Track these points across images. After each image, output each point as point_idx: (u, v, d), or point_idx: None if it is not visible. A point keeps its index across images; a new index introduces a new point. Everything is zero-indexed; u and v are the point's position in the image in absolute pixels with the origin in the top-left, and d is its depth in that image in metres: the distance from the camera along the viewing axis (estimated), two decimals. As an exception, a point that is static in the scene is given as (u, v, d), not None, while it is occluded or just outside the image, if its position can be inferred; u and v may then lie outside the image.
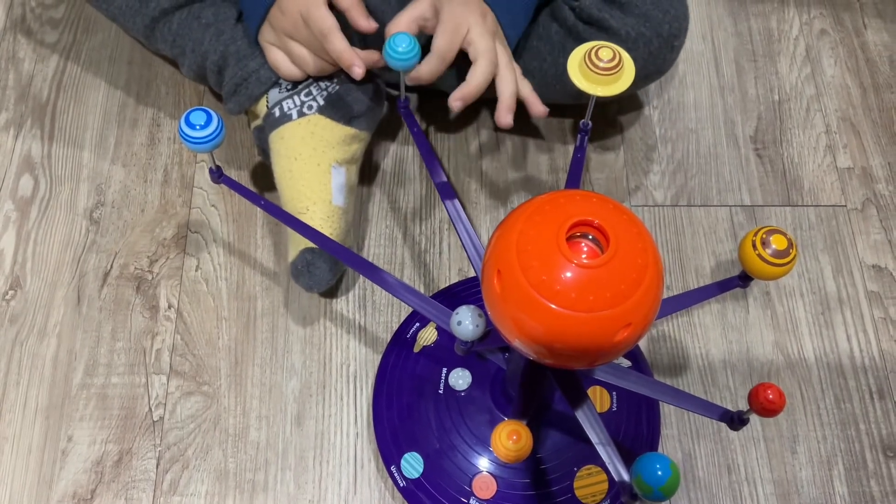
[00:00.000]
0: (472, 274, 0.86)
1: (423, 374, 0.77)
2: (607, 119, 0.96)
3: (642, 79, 0.86)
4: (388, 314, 0.83)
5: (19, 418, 0.77)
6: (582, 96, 0.62)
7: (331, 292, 0.84)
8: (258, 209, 0.88)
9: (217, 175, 0.68)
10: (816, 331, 0.85)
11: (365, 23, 0.74)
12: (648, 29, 0.81)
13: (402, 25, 0.72)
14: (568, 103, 0.91)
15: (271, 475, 0.76)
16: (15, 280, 0.84)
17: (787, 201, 0.92)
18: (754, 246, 0.55)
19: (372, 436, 0.77)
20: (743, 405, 0.81)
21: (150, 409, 0.78)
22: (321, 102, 0.80)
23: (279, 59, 0.79)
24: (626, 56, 0.60)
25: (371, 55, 0.75)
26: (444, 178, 0.68)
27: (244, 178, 0.91)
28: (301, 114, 0.79)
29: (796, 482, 0.77)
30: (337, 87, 0.81)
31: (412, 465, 0.73)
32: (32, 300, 0.83)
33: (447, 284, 0.85)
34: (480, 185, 0.91)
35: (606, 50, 0.60)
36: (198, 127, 0.61)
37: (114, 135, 0.93)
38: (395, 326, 0.83)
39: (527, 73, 0.85)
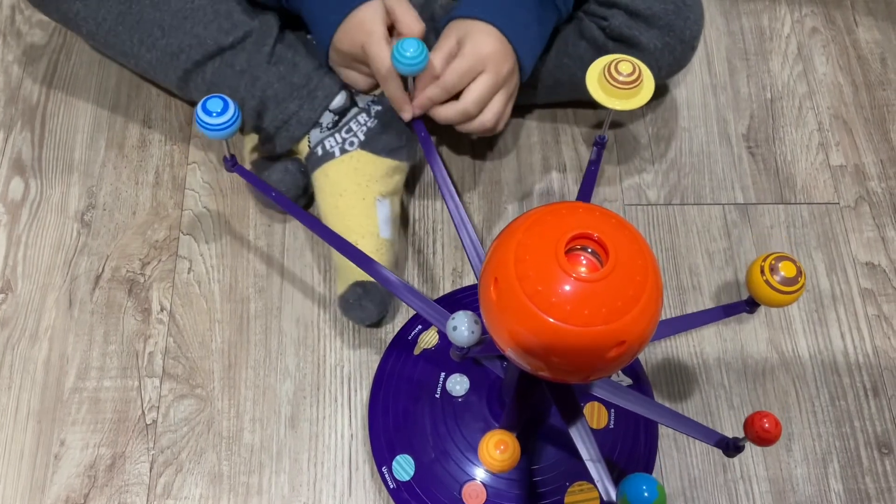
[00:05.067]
0: (466, 273, 0.86)
1: (421, 377, 0.77)
2: (600, 119, 0.96)
3: (665, 77, 0.90)
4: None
5: (11, 423, 0.77)
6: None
7: (327, 298, 0.84)
8: (251, 210, 0.88)
9: (231, 164, 0.68)
10: (810, 328, 0.85)
11: (417, 26, 0.77)
12: (672, 38, 0.84)
13: (439, 67, 0.74)
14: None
15: (265, 478, 0.75)
16: (6, 283, 0.83)
17: (780, 199, 0.92)
18: (762, 272, 0.54)
19: (366, 438, 0.76)
20: (737, 404, 0.81)
21: (143, 412, 0.78)
22: (362, 138, 0.80)
23: (353, 78, 0.81)
24: (645, 70, 0.60)
25: (422, 100, 0.76)
26: (450, 185, 0.68)
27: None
28: (343, 150, 0.80)
29: (791, 480, 0.77)
30: (376, 122, 0.81)
31: (403, 467, 0.73)
32: (23, 304, 0.82)
33: (441, 283, 0.85)
34: (474, 185, 0.91)
35: (626, 64, 0.59)
36: (214, 114, 0.61)
37: (104, 137, 0.92)
38: (389, 328, 0.82)
39: (559, 86, 0.89)
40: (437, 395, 0.76)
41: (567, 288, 0.43)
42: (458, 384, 0.76)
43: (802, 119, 0.98)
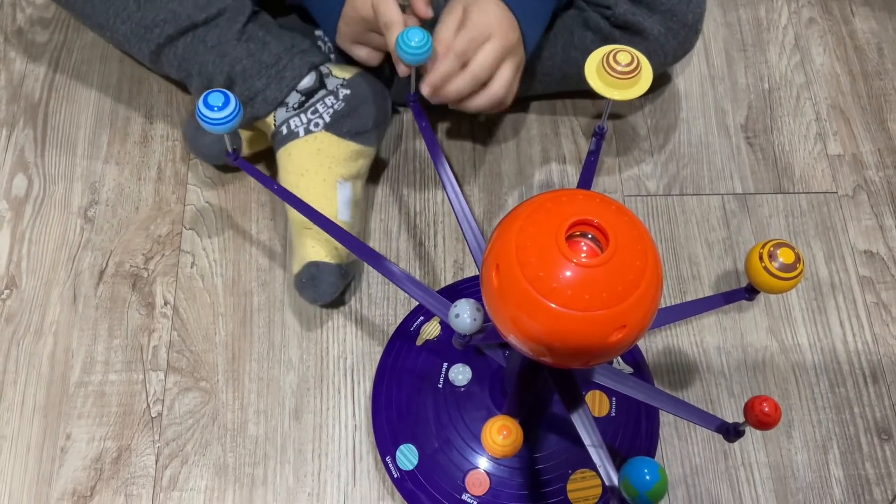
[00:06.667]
0: (467, 265, 0.86)
1: (423, 368, 0.78)
2: (599, 111, 0.97)
3: (671, 62, 0.91)
4: (384, 307, 0.84)
5: (17, 417, 0.77)
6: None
7: (326, 304, 0.84)
8: (252, 204, 0.88)
9: (233, 157, 0.68)
10: (810, 316, 0.86)
11: (424, 9, 0.76)
12: (675, 22, 0.85)
13: (449, 37, 0.73)
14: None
15: (270, 469, 0.76)
16: (11, 279, 0.84)
17: (778, 189, 0.93)
18: (761, 258, 0.55)
19: (370, 428, 0.77)
20: (738, 392, 0.81)
21: (149, 405, 0.78)
22: (327, 120, 0.81)
23: (364, 54, 0.82)
24: (643, 60, 0.60)
25: (434, 77, 0.74)
26: (450, 173, 0.68)
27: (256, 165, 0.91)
28: (308, 131, 0.80)
29: (792, 466, 0.78)
30: (343, 105, 0.82)
31: (407, 456, 0.74)
32: (28, 299, 0.83)
33: (443, 275, 0.86)
34: (474, 178, 0.92)
35: (624, 54, 0.60)
36: (216, 108, 0.61)
37: (107, 133, 0.93)
38: (392, 320, 0.83)
39: (568, 78, 0.91)
40: (440, 385, 0.76)
41: (568, 273, 0.44)
42: (460, 374, 0.76)
43: (800, 109, 0.99)
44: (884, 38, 1.05)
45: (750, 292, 0.59)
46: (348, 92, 0.82)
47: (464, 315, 0.52)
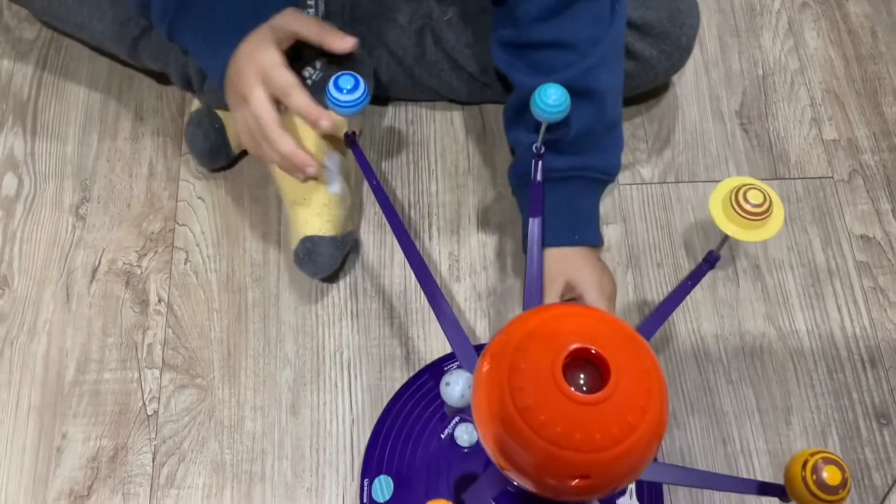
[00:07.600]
0: (462, 256, 0.86)
1: (436, 411, 0.75)
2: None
3: (662, 79, 0.91)
4: (378, 301, 0.83)
5: (12, 418, 0.77)
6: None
7: (328, 277, 0.84)
8: (246, 199, 0.88)
9: (350, 140, 0.71)
10: (807, 302, 0.85)
11: (340, 42, 0.71)
12: (668, 45, 0.84)
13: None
14: None
15: (268, 465, 0.76)
16: (2, 279, 0.83)
17: (774, 175, 0.93)
18: (804, 479, 0.49)
19: (368, 421, 0.77)
20: (735, 378, 0.81)
21: (144, 403, 0.78)
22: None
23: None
24: (774, 197, 0.56)
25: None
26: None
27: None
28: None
29: (791, 453, 0.77)
30: (321, 75, 0.80)
31: (382, 488, 0.71)
32: (21, 299, 0.82)
33: (438, 267, 0.85)
34: (468, 169, 0.91)
35: (756, 192, 0.55)
36: (346, 91, 0.63)
37: (97, 130, 0.92)
38: (387, 314, 0.83)
39: None
40: (443, 436, 0.73)
41: (552, 406, 0.42)
42: (465, 433, 0.71)
43: (795, 94, 0.98)
44: (877, 20, 1.04)
45: (784, 496, 0.53)
46: (325, 60, 0.81)
47: (455, 386, 0.50)
